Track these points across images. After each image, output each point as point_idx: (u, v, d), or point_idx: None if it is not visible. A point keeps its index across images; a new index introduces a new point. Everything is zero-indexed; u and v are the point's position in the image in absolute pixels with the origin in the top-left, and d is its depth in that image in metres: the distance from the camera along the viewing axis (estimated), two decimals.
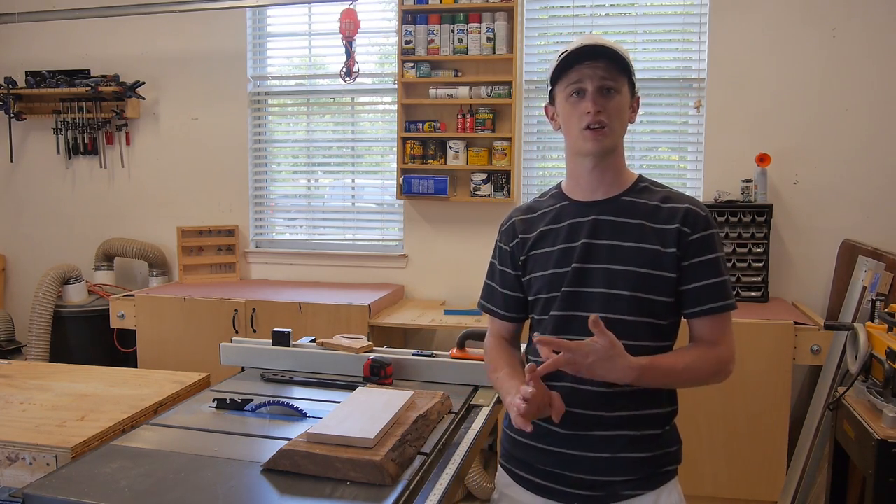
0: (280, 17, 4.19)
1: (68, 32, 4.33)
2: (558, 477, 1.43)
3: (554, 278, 1.43)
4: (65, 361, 3.44)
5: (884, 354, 2.13)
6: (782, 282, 3.55)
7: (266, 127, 4.29)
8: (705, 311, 1.39)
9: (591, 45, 1.37)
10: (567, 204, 1.48)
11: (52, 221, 4.50)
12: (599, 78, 1.37)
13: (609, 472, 1.40)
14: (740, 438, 3.06)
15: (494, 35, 3.67)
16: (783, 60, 3.51)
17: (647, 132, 3.79)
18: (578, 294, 1.40)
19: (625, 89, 1.40)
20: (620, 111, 1.40)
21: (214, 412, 1.73)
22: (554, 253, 1.44)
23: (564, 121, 1.43)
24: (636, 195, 1.44)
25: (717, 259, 1.40)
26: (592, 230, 1.42)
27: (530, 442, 1.46)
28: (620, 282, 1.38)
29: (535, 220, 1.51)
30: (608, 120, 1.37)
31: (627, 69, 1.39)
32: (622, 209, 1.42)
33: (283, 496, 1.30)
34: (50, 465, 1.56)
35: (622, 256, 1.39)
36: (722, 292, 1.39)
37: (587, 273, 1.40)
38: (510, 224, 1.54)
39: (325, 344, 2.13)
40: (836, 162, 3.49)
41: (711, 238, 1.40)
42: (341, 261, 4.13)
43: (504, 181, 3.72)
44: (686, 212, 1.40)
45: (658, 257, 1.38)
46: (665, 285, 1.39)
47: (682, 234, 1.38)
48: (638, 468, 1.41)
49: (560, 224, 1.46)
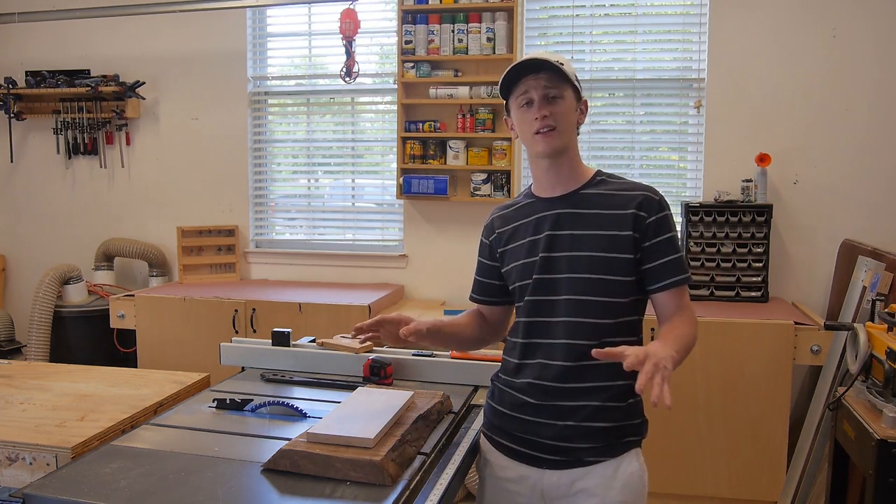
0: (280, 17, 4.20)
1: (68, 32, 4.34)
2: (529, 442, 1.56)
3: (525, 267, 1.60)
4: (65, 361, 3.44)
5: (884, 354, 2.13)
6: (782, 282, 3.55)
7: (266, 127, 4.29)
8: (667, 286, 1.53)
9: (531, 60, 1.54)
10: (534, 201, 1.65)
11: (52, 221, 4.50)
12: (543, 87, 1.54)
13: (574, 439, 1.52)
14: (740, 438, 3.06)
15: (494, 35, 3.67)
16: (783, 60, 3.51)
17: (647, 132, 3.79)
18: (547, 280, 1.56)
19: (568, 94, 1.57)
20: (566, 114, 1.56)
21: (214, 412, 1.73)
22: (525, 245, 1.61)
23: (519, 128, 1.61)
24: (593, 188, 1.60)
25: (672, 237, 1.55)
26: (555, 222, 1.57)
27: (507, 411, 1.60)
28: (582, 266, 1.53)
29: (509, 216, 1.69)
30: (555, 122, 1.54)
31: (569, 78, 1.55)
32: (580, 201, 1.58)
33: (283, 496, 1.30)
34: (50, 465, 1.56)
35: (582, 244, 1.54)
36: (679, 267, 1.54)
37: (553, 261, 1.56)
38: (490, 221, 1.75)
39: (325, 344, 2.13)
40: (836, 162, 3.49)
41: (666, 219, 1.54)
42: (341, 261, 4.13)
43: (504, 181, 3.72)
44: (642, 198, 1.54)
45: (616, 241, 1.52)
46: (624, 266, 1.52)
47: (639, 218, 1.53)
48: (600, 436, 1.52)
49: (529, 219, 1.63)
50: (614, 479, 1.52)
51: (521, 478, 1.58)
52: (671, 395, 1.31)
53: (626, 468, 1.54)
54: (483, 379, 1.95)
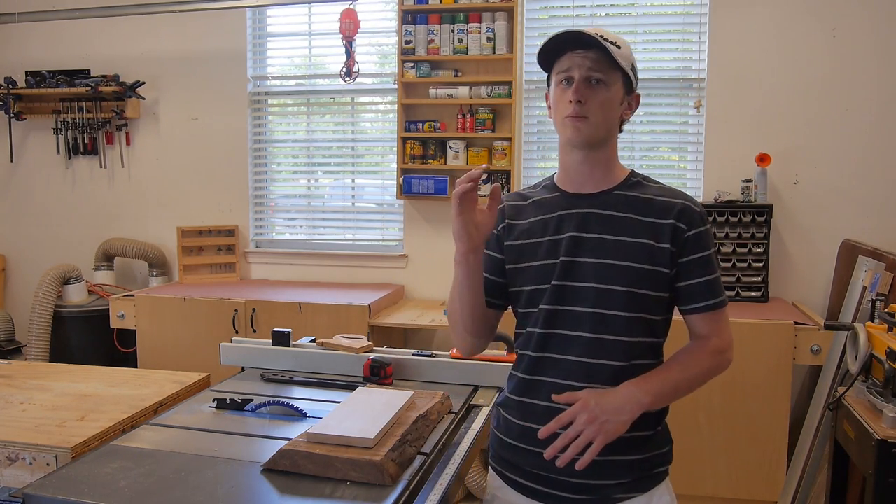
0: (280, 17, 4.20)
1: (68, 32, 4.33)
2: (547, 480, 1.39)
3: (542, 270, 1.40)
4: (65, 361, 3.45)
5: (884, 354, 2.13)
6: (782, 282, 3.55)
7: (266, 127, 4.29)
8: (700, 309, 1.38)
9: (577, 33, 1.33)
10: (557, 195, 1.45)
11: (52, 221, 4.50)
12: (587, 68, 1.34)
13: (599, 475, 1.35)
14: (740, 438, 3.06)
15: (494, 35, 3.67)
16: (783, 60, 3.51)
17: (647, 132, 3.79)
18: (568, 288, 1.37)
19: (616, 83, 1.36)
20: (606, 105, 1.36)
21: (214, 412, 1.73)
22: (542, 244, 1.41)
23: (553, 107, 1.41)
24: (628, 189, 1.42)
25: (710, 256, 1.39)
26: (581, 223, 1.39)
27: (518, 444, 1.42)
28: (614, 276, 1.35)
29: (525, 207, 1.47)
30: (589, 112, 1.34)
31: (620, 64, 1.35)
32: (613, 203, 1.40)
33: (283, 496, 1.30)
34: (50, 465, 1.56)
35: (613, 250, 1.36)
36: (716, 290, 1.39)
37: (576, 266, 1.37)
38: (500, 208, 1.48)
39: (325, 344, 2.13)
40: (836, 162, 3.49)
41: (706, 234, 1.39)
42: (341, 261, 4.13)
43: (504, 181, 3.72)
44: (682, 208, 1.37)
45: (651, 252, 1.35)
46: (660, 280, 1.36)
47: (678, 230, 1.36)
48: (630, 471, 1.38)
49: (550, 215, 1.43)
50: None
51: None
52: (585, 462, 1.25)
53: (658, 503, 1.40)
54: (483, 379, 1.96)
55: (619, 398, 1.29)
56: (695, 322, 1.41)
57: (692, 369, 1.37)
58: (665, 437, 1.44)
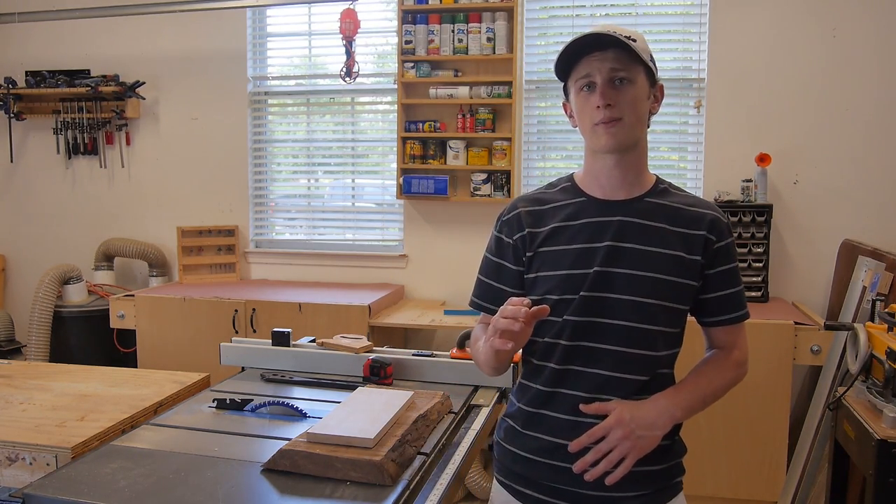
0: (280, 17, 4.20)
1: (68, 32, 4.33)
2: (565, 493, 1.35)
3: (570, 279, 1.32)
4: (65, 361, 3.45)
5: (884, 354, 2.13)
6: (782, 282, 3.55)
7: (266, 127, 4.29)
8: (725, 322, 1.39)
9: (595, 35, 1.28)
10: (585, 201, 1.37)
11: (52, 221, 4.50)
12: (609, 69, 1.28)
13: (620, 487, 1.31)
14: (740, 438, 3.06)
15: (494, 35, 3.67)
16: (783, 60, 3.51)
17: (648, 132, 3.77)
18: (600, 299, 1.31)
19: (640, 78, 1.32)
20: (635, 103, 1.31)
21: (214, 412, 1.73)
22: (570, 252, 1.33)
23: (578, 117, 1.35)
24: (658, 197, 1.37)
25: (735, 268, 1.38)
26: (619, 232, 1.32)
27: (535, 457, 1.37)
28: (648, 289, 1.30)
29: (545, 213, 1.39)
30: (621, 113, 1.29)
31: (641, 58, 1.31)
32: (647, 211, 1.34)
33: (283, 496, 1.30)
34: (50, 465, 1.56)
35: (648, 261, 1.31)
36: (740, 302, 1.39)
37: (611, 277, 1.31)
38: (515, 215, 1.40)
39: (325, 344, 2.13)
40: (836, 162, 3.49)
41: (732, 246, 1.38)
42: (341, 261, 4.13)
43: (504, 181, 3.72)
44: (712, 219, 1.36)
45: (682, 264, 1.32)
46: (688, 293, 1.35)
47: (709, 242, 1.34)
48: (649, 482, 1.34)
49: (577, 222, 1.35)
50: None
51: None
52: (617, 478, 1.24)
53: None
54: (483, 379, 1.95)
55: (653, 412, 1.27)
56: (717, 334, 1.42)
57: (717, 381, 1.39)
58: (682, 447, 1.43)
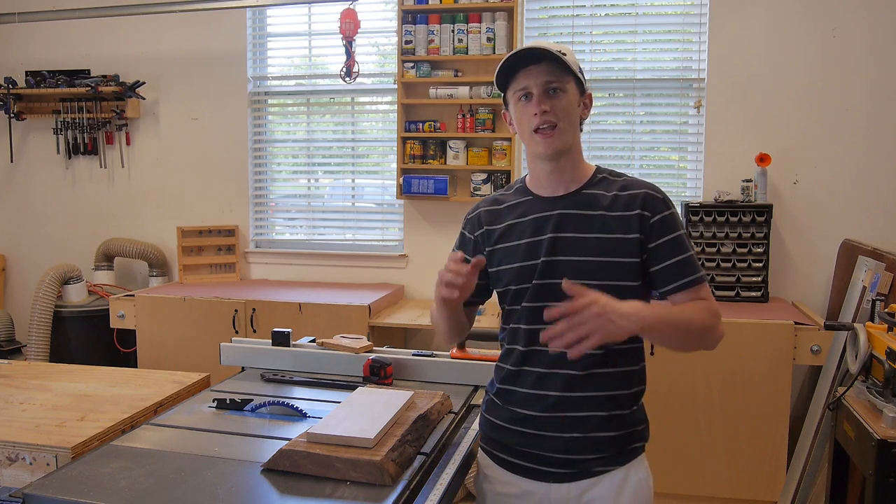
0: (280, 17, 4.20)
1: (68, 32, 4.33)
2: (534, 457, 1.50)
3: (523, 271, 1.49)
4: (65, 361, 3.45)
5: (884, 354, 2.13)
6: (782, 282, 3.55)
7: (266, 127, 4.29)
8: (678, 287, 1.45)
9: (529, 49, 1.43)
10: (531, 199, 1.54)
11: (52, 221, 4.51)
12: (543, 81, 1.43)
13: (581, 450, 1.47)
14: (740, 438, 3.06)
15: (494, 35, 3.67)
16: (783, 60, 3.51)
17: (647, 132, 3.79)
18: (549, 286, 1.45)
19: (571, 88, 1.46)
20: (568, 109, 1.45)
21: (214, 412, 1.73)
22: (521, 246, 1.50)
23: (517, 124, 1.50)
24: (595, 187, 1.50)
25: (679, 237, 1.46)
26: (558, 224, 1.48)
27: (508, 425, 1.52)
28: (588, 272, 1.43)
29: (501, 212, 1.56)
30: (556, 119, 1.44)
31: (571, 69, 1.44)
32: (584, 202, 1.49)
33: (283, 496, 1.30)
34: (50, 465, 1.56)
35: (588, 248, 1.45)
36: (690, 267, 1.46)
37: (556, 265, 1.46)
38: (476, 214, 1.60)
39: (325, 344, 2.13)
40: (836, 162, 3.49)
41: (671, 218, 1.46)
42: (341, 261, 4.13)
43: (504, 181, 3.72)
44: (644, 196, 1.46)
45: (622, 244, 1.44)
46: (632, 270, 1.45)
47: (644, 219, 1.45)
48: (608, 446, 1.48)
49: (525, 218, 1.52)
50: (623, 487, 1.49)
51: (526, 493, 1.52)
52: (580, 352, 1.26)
53: (634, 475, 1.50)
54: (483, 379, 1.95)
55: (626, 306, 1.31)
56: (677, 301, 1.47)
57: (691, 315, 1.42)
58: (640, 416, 1.54)
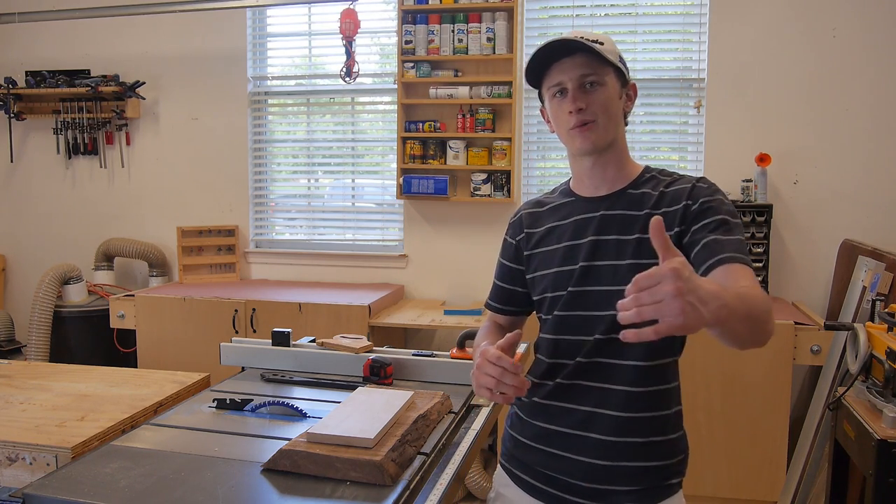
0: (280, 17, 4.20)
1: (68, 32, 4.34)
2: (556, 481, 1.38)
3: (559, 276, 1.37)
4: (65, 361, 3.45)
5: (884, 354, 2.13)
6: (782, 282, 3.55)
7: (266, 127, 4.29)
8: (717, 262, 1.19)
9: (562, 41, 1.30)
10: (573, 200, 1.43)
11: (52, 221, 4.50)
12: (578, 75, 1.31)
13: (607, 480, 1.32)
14: (740, 438, 3.06)
15: (494, 35, 3.67)
16: (783, 60, 3.51)
17: (647, 132, 3.79)
18: (587, 293, 1.33)
19: (610, 80, 1.33)
20: (607, 104, 1.33)
21: (214, 412, 1.73)
22: (559, 251, 1.39)
23: (554, 122, 1.39)
24: (642, 186, 1.38)
25: (724, 220, 1.25)
26: (600, 226, 1.35)
27: (531, 443, 1.42)
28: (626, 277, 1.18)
29: (542, 214, 1.46)
30: (594, 115, 1.32)
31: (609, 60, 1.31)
32: (629, 202, 1.35)
33: (283, 496, 1.30)
34: (50, 465, 1.56)
35: (630, 250, 1.31)
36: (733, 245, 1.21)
37: (595, 271, 1.33)
38: (518, 217, 1.51)
39: (325, 344, 2.13)
40: (835, 162, 3.49)
41: (719, 204, 1.27)
42: (341, 261, 4.13)
43: (504, 181, 3.72)
44: (690, 188, 1.31)
45: None
46: None
47: (686, 208, 1.29)
48: (640, 478, 1.32)
49: (567, 220, 1.40)
50: None
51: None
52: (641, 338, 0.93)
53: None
54: None
55: (709, 286, 0.96)
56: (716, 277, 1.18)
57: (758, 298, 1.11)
58: (682, 445, 1.38)
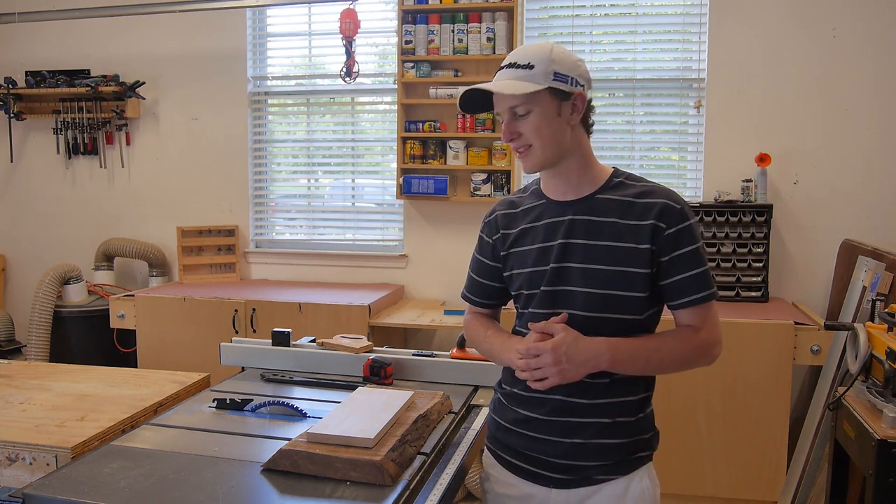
0: (280, 17, 4.20)
1: (68, 32, 4.33)
2: (535, 460, 1.49)
3: (533, 276, 1.48)
4: (65, 361, 3.45)
5: (884, 354, 2.13)
6: (782, 282, 3.55)
7: (266, 127, 4.29)
8: (687, 303, 1.43)
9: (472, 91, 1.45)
10: (545, 203, 1.51)
11: (52, 221, 4.50)
12: (507, 108, 1.43)
13: (580, 456, 1.45)
14: (740, 438, 3.06)
15: (494, 35, 3.67)
16: (783, 60, 3.51)
17: (647, 132, 3.79)
18: (557, 292, 1.45)
19: (543, 103, 1.39)
20: (538, 127, 1.40)
21: (214, 412, 1.73)
22: (532, 251, 1.48)
23: None
24: (611, 192, 1.46)
25: (695, 250, 1.42)
26: (569, 230, 1.45)
27: (512, 427, 1.52)
28: (597, 280, 1.41)
29: (517, 216, 1.55)
30: (528, 141, 1.42)
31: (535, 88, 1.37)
32: (596, 208, 1.45)
33: (283, 496, 1.30)
34: (50, 465, 1.56)
35: (597, 255, 1.42)
36: (704, 282, 1.42)
37: (565, 272, 1.44)
38: (494, 217, 1.59)
39: (325, 344, 2.13)
40: (836, 162, 3.49)
41: (689, 230, 1.41)
42: (341, 261, 4.13)
43: (504, 181, 3.72)
44: (662, 207, 1.41)
45: (632, 254, 1.40)
46: (639, 281, 1.41)
47: (658, 230, 1.40)
48: (611, 454, 1.45)
49: (539, 223, 1.50)
50: (625, 497, 1.46)
51: (527, 496, 1.51)
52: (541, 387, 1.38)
53: (637, 486, 1.47)
54: (483, 379, 1.96)
55: (585, 353, 1.37)
56: (681, 317, 1.46)
57: (670, 349, 1.43)
58: (647, 425, 1.51)
